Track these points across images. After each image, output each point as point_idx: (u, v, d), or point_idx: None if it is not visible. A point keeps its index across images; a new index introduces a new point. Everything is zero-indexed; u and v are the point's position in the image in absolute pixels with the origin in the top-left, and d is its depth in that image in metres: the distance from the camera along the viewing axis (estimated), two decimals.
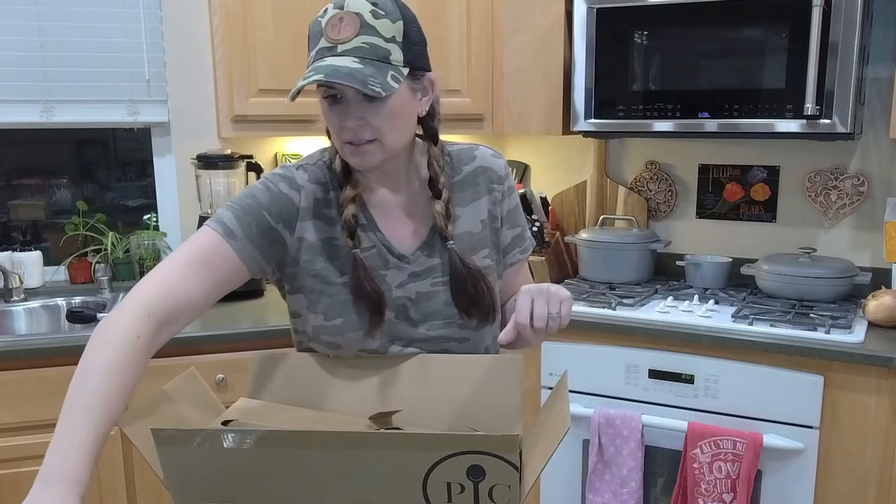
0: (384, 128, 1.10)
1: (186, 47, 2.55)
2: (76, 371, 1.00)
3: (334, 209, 1.19)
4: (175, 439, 0.89)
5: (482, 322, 1.23)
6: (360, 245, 1.17)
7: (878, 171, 2.35)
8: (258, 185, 1.18)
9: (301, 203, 1.18)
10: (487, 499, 0.89)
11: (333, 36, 1.07)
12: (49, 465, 0.92)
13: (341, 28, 1.07)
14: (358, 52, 1.07)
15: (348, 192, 1.18)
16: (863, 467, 1.92)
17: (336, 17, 1.08)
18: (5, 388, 1.95)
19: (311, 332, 1.20)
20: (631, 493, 2.11)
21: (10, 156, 2.60)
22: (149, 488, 2.09)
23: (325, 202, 1.19)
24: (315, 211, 1.18)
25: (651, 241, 2.53)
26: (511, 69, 2.47)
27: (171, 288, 1.07)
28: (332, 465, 0.88)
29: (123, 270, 2.56)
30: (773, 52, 2.06)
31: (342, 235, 1.18)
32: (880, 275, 2.30)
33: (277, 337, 2.12)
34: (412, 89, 1.13)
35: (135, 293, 1.06)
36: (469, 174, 1.26)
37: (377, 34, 1.07)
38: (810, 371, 1.94)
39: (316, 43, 1.10)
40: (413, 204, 1.23)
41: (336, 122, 1.12)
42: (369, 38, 1.07)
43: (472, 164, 1.27)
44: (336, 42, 1.07)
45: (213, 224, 1.13)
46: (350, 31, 1.07)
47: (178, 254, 1.11)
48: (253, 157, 2.56)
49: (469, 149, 1.28)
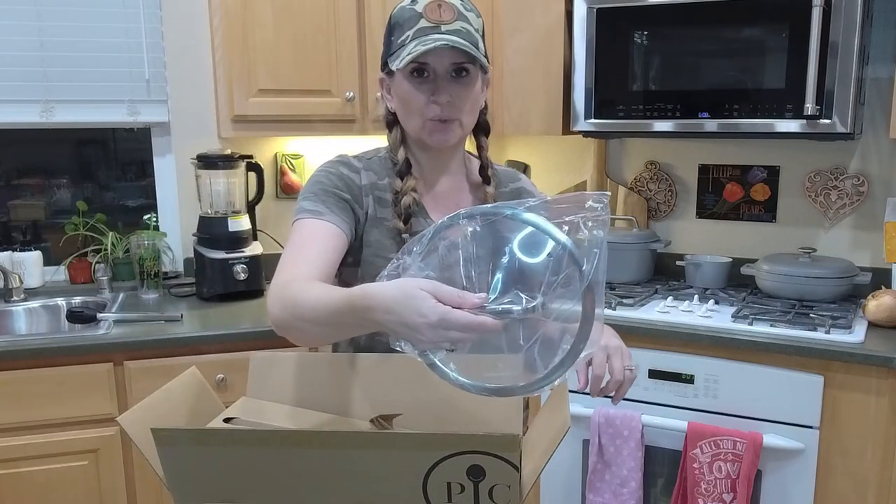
0: (465, 111, 1.21)
1: (186, 47, 2.55)
2: (303, 308, 1.03)
3: (388, 194, 1.27)
4: (175, 439, 0.89)
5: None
6: (411, 230, 1.24)
7: (878, 171, 2.35)
8: (319, 174, 1.25)
9: (362, 181, 1.26)
10: (488, 499, 0.89)
11: (435, 18, 1.16)
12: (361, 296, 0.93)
13: (441, 12, 1.17)
14: (459, 35, 1.17)
15: (410, 182, 1.25)
16: (863, 467, 1.92)
17: (434, 3, 1.17)
18: (5, 388, 1.95)
19: None
20: (631, 493, 2.11)
21: (10, 156, 2.60)
22: (149, 488, 2.09)
23: (380, 187, 1.27)
24: (372, 191, 1.27)
25: (651, 241, 2.53)
26: (511, 69, 2.47)
27: (313, 271, 1.12)
28: (333, 465, 0.88)
29: (123, 270, 2.56)
30: (772, 52, 2.06)
31: (393, 218, 1.25)
32: (880, 275, 2.30)
33: (277, 337, 2.11)
34: (483, 81, 1.25)
35: (288, 277, 1.10)
36: (514, 190, 1.36)
37: (470, 24, 1.19)
38: (810, 371, 1.93)
39: (413, 24, 1.17)
40: (464, 195, 1.31)
41: (423, 99, 1.20)
42: (466, 25, 1.18)
43: (516, 183, 1.38)
44: (440, 22, 1.16)
45: (298, 215, 1.20)
46: (451, 15, 1.17)
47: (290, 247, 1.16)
48: (253, 157, 2.56)
49: (513, 172, 1.40)
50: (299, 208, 1.21)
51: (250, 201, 2.59)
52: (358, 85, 2.43)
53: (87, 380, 2.00)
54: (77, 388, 2.00)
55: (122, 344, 2.02)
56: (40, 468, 2.00)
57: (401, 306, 0.87)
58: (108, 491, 2.06)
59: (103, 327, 2.09)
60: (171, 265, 2.63)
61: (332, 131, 2.45)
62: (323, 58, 2.39)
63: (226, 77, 2.38)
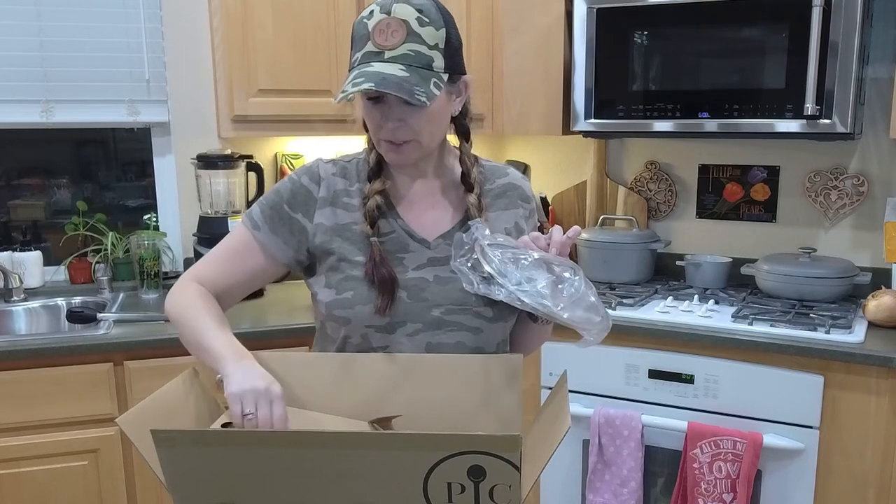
0: (422, 130, 1.18)
1: (186, 47, 2.55)
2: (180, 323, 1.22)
3: (356, 198, 1.26)
4: (175, 440, 0.89)
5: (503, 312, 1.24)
6: (380, 232, 1.23)
7: (878, 171, 2.35)
8: (286, 179, 1.29)
9: (319, 193, 1.26)
10: (488, 499, 0.89)
11: (381, 42, 1.13)
12: (224, 351, 1.15)
13: (389, 34, 1.13)
14: (404, 60, 1.12)
15: (376, 185, 1.25)
16: (863, 467, 1.92)
17: (384, 23, 1.13)
18: (5, 388, 1.95)
19: (325, 309, 1.23)
20: (631, 493, 2.11)
21: (10, 156, 2.60)
22: (149, 488, 2.09)
23: (347, 193, 1.27)
24: (333, 199, 1.26)
25: (651, 241, 2.53)
26: (511, 69, 2.47)
27: (213, 276, 1.26)
28: (333, 465, 0.88)
29: (123, 270, 2.56)
30: (773, 51, 2.06)
31: (363, 222, 1.24)
32: (880, 275, 2.30)
33: (277, 337, 2.12)
34: (449, 93, 1.20)
35: (186, 275, 1.27)
36: (502, 186, 1.33)
37: (422, 42, 1.13)
38: (810, 371, 1.94)
39: (362, 46, 1.15)
40: (439, 197, 1.28)
41: (376, 120, 1.19)
42: (415, 46, 1.13)
43: (504, 178, 1.34)
44: (383, 48, 1.13)
45: (244, 218, 1.28)
46: (397, 39, 1.13)
47: (219, 245, 1.29)
48: (253, 157, 2.56)
49: (501, 166, 1.37)
50: (250, 211, 1.28)
51: (250, 201, 2.59)
52: None
53: (86, 380, 2.00)
54: (77, 388, 2.00)
55: (122, 344, 2.02)
56: (40, 468, 2.00)
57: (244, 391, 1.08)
58: (108, 491, 2.06)
59: (103, 327, 2.09)
60: (171, 265, 2.63)
61: (331, 131, 2.45)
62: (323, 58, 2.39)
63: (226, 77, 2.38)
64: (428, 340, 1.21)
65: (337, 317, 1.22)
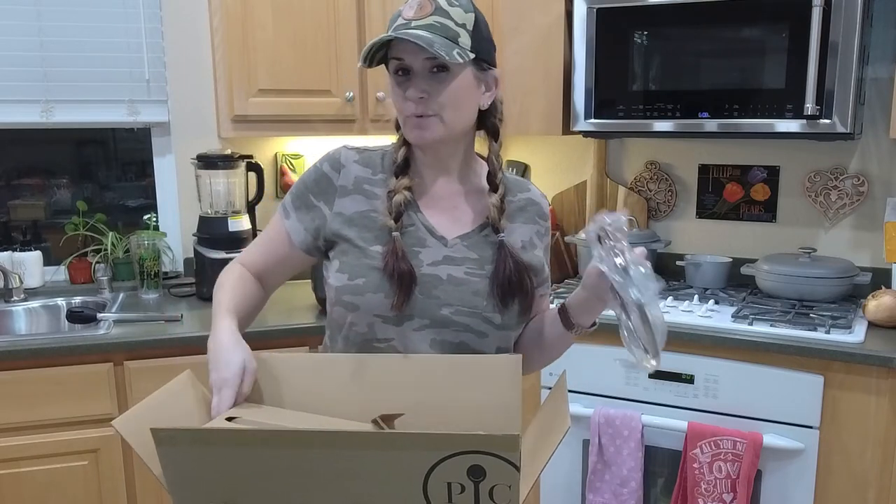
0: (446, 104, 1.18)
1: (186, 47, 2.55)
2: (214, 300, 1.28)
3: (379, 188, 1.27)
4: (175, 439, 0.89)
5: (511, 322, 1.25)
6: (403, 228, 1.24)
7: (878, 171, 2.35)
8: (310, 170, 1.32)
9: (339, 181, 1.28)
10: (488, 499, 0.89)
11: (408, 16, 1.17)
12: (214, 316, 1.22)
13: (417, 9, 1.17)
14: (429, 28, 1.15)
15: (403, 181, 1.25)
16: (863, 467, 1.92)
17: (415, 3, 1.17)
18: (5, 388, 1.95)
19: (335, 294, 1.24)
20: (631, 493, 2.11)
21: (10, 156, 2.60)
22: (149, 488, 2.09)
23: (369, 181, 1.28)
24: (355, 187, 1.27)
25: (651, 241, 2.53)
26: (511, 69, 2.47)
27: (252, 260, 1.35)
28: (333, 465, 0.88)
29: (123, 270, 2.56)
30: (772, 52, 2.06)
31: (382, 210, 1.25)
32: (880, 275, 2.30)
33: (277, 337, 2.12)
34: (477, 78, 1.21)
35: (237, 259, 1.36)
36: (523, 200, 1.34)
37: (449, 17, 1.17)
38: (810, 371, 1.94)
39: (392, 24, 1.19)
40: (462, 200, 1.29)
41: (401, 95, 1.20)
42: (442, 19, 1.16)
43: (526, 193, 1.35)
44: (410, 20, 1.17)
45: (280, 206, 1.33)
46: (427, 11, 1.17)
47: (260, 236, 1.37)
48: (253, 157, 2.56)
49: (524, 181, 1.39)
50: (284, 201, 1.33)
51: (250, 201, 2.59)
52: (358, 85, 2.43)
53: (86, 380, 2.00)
54: (77, 388, 2.00)
55: (122, 344, 2.02)
56: (40, 468, 2.00)
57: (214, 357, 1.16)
58: (108, 491, 2.06)
59: (103, 327, 2.09)
60: (171, 265, 2.64)
61: (331, 131, 2.45)
62: (323, 58, 2.39)
63: (226, 77, 2.38)
64: (432, 337, 1.21)
65: (346, 302, 1.22)
